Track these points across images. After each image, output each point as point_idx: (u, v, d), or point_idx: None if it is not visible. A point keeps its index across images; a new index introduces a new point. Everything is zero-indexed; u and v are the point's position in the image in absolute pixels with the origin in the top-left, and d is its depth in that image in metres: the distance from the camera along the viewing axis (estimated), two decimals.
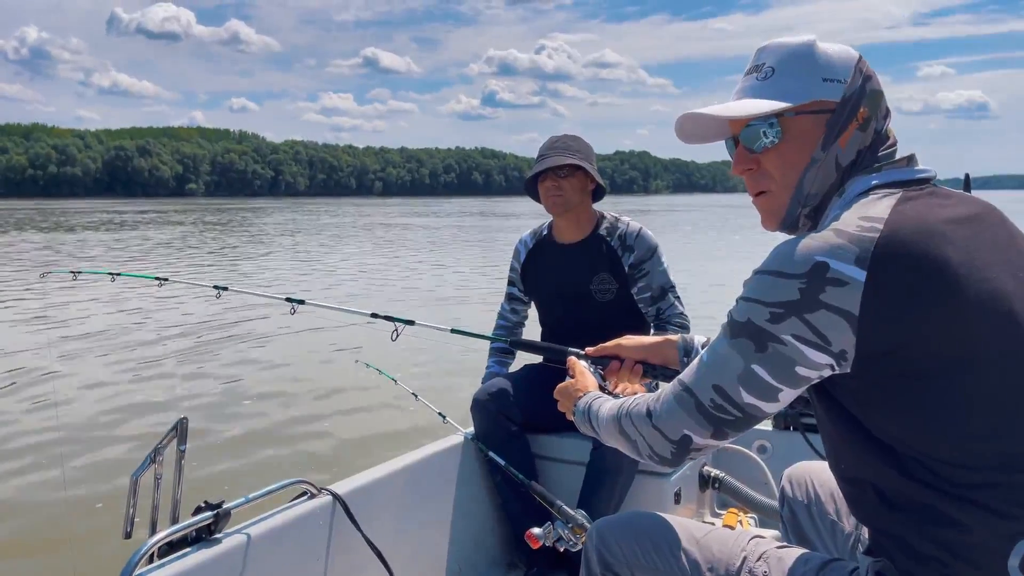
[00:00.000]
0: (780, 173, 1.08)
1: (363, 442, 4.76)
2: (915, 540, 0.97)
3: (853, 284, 0.92)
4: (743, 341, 0.99)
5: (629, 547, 1.19)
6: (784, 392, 0.99)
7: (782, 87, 1.07)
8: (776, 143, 1.07)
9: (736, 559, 1.13)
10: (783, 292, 0.96)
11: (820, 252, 0.94)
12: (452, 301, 10.82)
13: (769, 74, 1.08)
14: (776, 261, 0.98)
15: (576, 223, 2.39)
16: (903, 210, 0.97)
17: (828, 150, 1.05)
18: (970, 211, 1.01)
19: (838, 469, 1.08)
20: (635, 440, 1.13)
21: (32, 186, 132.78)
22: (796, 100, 1.05)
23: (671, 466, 1.12)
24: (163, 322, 8.95)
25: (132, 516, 1.54)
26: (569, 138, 2.38)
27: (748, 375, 0.99)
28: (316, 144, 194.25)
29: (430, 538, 2.11)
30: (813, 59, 1.07)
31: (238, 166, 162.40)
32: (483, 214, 47.96)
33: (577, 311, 2.39)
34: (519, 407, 2.27)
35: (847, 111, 1.05)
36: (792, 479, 1.45)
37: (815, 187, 1.07)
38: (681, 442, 1.07)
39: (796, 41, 1.09)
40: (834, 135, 1.05)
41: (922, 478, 0.95)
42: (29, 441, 4.84)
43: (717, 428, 1.04)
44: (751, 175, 1.12)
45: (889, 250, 0.93)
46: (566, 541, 1.68)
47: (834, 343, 0.94)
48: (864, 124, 1.05)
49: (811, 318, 0.94)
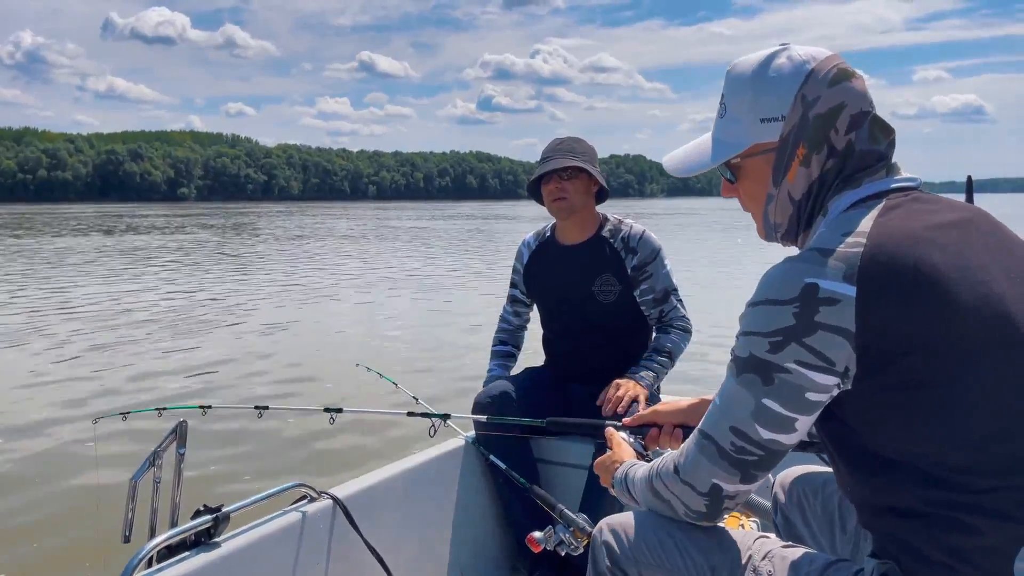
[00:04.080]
0: (750, 204, 1.15)
1: (363, 446, 4.74)
2: (922, 544, 0.96)
3: (845, 300, 0.93)
4: (749, 376, 1.00)
5: (636, 543, 1.19)
6: (800, 421, 1.00)
7: (728, 130, 1.12)
8: (735, 181, 1.14)
9: (741, 557, 1.12)
10: (778, 319, 0.96)
11: (808, 274, 0.95)
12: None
13: (723, 113, 1.14)
14: (765, 290, 0.99)
15: (579, 225, 2.39)
16: (885, 221, 0.98)
17: (780, 185, 1.09)
18: (957, 216, 1.01)
19: (844, 486, 1.09)
20: (668, 500, 1.13)
21: (23, 191, 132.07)
22: (737, 148, 1.10)
23: (710, 520, 1.11)
24: (161, 320, 8.92)
25: (131, 520, 1.52)
26: (572, 140, 2.38)
27: (760, 410, 1.00)
28: (310, 148, 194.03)
29: (431, 542, 2.10)
30: (755, 96, 1.08)
31: (231, 170, 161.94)
32: (485, 217, 48.08)
33: (579, 313, 2.38)
34: (521, 410, 2.26)
35: (787, 151, 1.07)
36: (783, 485, 1.45)
37: (778, 218, 1.11)
38: (712, 493, 1.07)
39: (749, 66, 1.10)
40: (781, 173, 1.08)
41: (929, 486, 0.95)
42: (24, 443, 4.81)
43: (744, 471, 1.04)
44: (737, 198, 1.17)
45: (875, 262, 0.93)
46: (567, 545, 1.67)
47: (837, 362, 0.95)
48: (805, 160, 1.06)
49: (810, 341, 0.95)
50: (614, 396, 2.16)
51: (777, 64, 1.08)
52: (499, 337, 2.62)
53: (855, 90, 1.06)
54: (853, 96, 1.06)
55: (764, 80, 1.08)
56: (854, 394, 0.97)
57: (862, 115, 1.06)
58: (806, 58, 1.08)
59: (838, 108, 1.05)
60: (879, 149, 1.06)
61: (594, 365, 2.35)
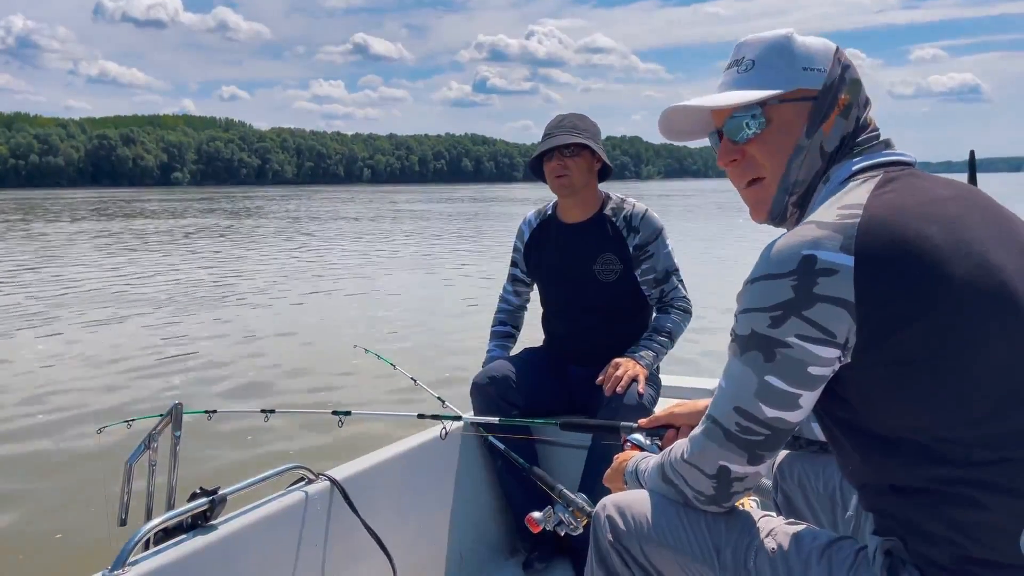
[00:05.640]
0: (766, 161, 1.10)
1: (361, 427, 4.74)
2: (926, 521, 0.95)
3: (843, 271, 0.92)
4: (751, 354, 1.00)
5: (639, 520, 1.18)
6: (803, 397, 0.99)
7: (764, 78, 1.09)
8: (759, 132, 1.09)
9: (745, 534, 1.12)
10: (777, 293, 0.96)
11: (805, 246, 0.95)
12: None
13: (750, 66, 1.11)
14: (763, 266, 0.99)
15: (581, 203, 2.36)
16: (881, 193, 0.98)
17: (813, 137, 1.07)
18: (953, 192, 1.01)
19: (844, 469, 1.08)
20: (677, 483, 1.13)
21: (14, 176, 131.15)
22: (779, 88, 1.08)
23: (719, 504, 1.11)
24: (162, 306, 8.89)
25: (127, 503, 1.51)
26: (575, 117, 2.35)
27: (764, 388, 1.00)
28: (304, 132, 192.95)
29: (430, 523, 2.09)
30: (792, 50, 1.09)
31: (224, 154, 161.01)
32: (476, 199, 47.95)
33: (579, 291, 2.36)
34: (520, 391, 2.25)
35: (829, 98, 1.07)
36: (784, 464, 1.45)
37: (802, 174, 1.09)
38: (720, 475, 1.07)
39: (774, 35, 1.12)
40: (818, 122, 1.07)
41: (933, 461, 0.94)
42: (21, 427, 4.79)
43: (751, 452, 1.04)
44: (736, 166, 1.13)
45: (872, 233, 0.93)
46: (567, 525, 1.66)
47: (838, 334, 0.94)
48: (845, 111, 1.07)
49: (810, 314, 0.94)
50: (613, 375, 2.15)
51: (801, 38, 1.11)
52: (499, 317, 2.60)
53: None
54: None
55: (797, 42, 1.10)
56: (854, 367, 0.96)
57: (867, 99, 1.11)
58: None
59: (860, 82, 1.11)
60: (877, 130, 1.11)
61: (593, 344, 2.34)
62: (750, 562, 1.09)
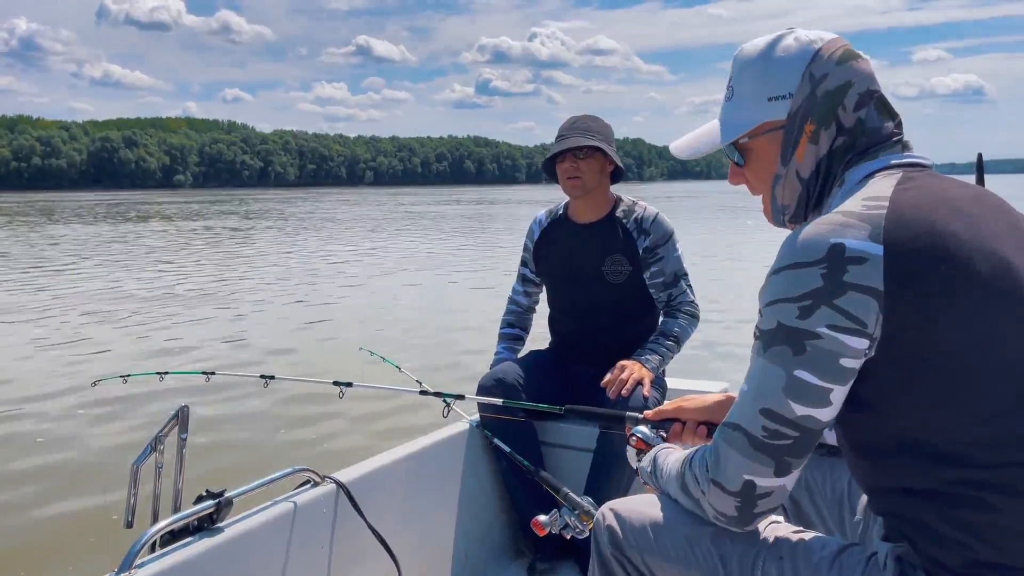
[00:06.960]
0: (759, 185, 1.14)
1: (367, 430, 4.75)
2: (937, 524, 0.94)
3: (873, 259, 0.91)
4: (778, 349, 0.95)
5: (640, 529, 1.16)
6: (835, 392, 0.95)
7: (738, 109, 1.12)
8: (745, 163, 1.14)
9: (752, 543, 1.09)
10: (806, 282, 0.93)
11: (833, 234, 0.93)
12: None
13: (729, 96, 1.14)
14: (789, 255, 0.96)
15: (593, 204, 2.37)
16: (905, 188, 0.98)
17: (787, 165, 1.09)
18: (969, 192, 1.02)
19: (855, 472, 1.06)
20: (697, 498, 1.07)
21: (16, 179, 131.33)
22: (746, 127, 1.10)
23: (742, 525, 1.03)
24: (162, 302, 8.90)
25: (133, 505, 1.51)
26: (589, 118, 2.35)
27: (793, 383, 0.95)
28: (306, 134, 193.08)
29: (435, 526, 2.09)
30: (763, 75, 1.09)
31: (226, 156, 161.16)
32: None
33: (588, 292, 2.36)
34: (525, 393, 2.24)
35: (795, 129, 1.07)
36: None
37: (786, 199, 1.11)
38: (744, 491, 1.00)
39: (755, 49, 1.12)
40: (789, 152, 1.08)
41: (942, 464, 0.93)
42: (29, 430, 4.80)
43: (778, 460, 0.98)
44: (741, 184, 1.17)
45: (901, 223, 0.92)
46: (572, 528, 1.66)
47: (868, 324, 0.92)
48: (814, 137, 1.06)
49: (840, 303, 0.92)
50: (618, 378, 2.15)
51: (784, 45, 1.09)
52: (507, 320, 2.59)
53: (862, 70, 1.07)
54: (860, 75, 1.07)
55: (771, 60, 1.09)
56: (875, 361, 0.94)
57: (869, 94, 1.07)
58: (813, 39, 1.09)
59: (846, 86, 1.06)
60: (890, 127, 1.07)
61: (600, 345, 2.34)
62: (757, 572, 1.07)
